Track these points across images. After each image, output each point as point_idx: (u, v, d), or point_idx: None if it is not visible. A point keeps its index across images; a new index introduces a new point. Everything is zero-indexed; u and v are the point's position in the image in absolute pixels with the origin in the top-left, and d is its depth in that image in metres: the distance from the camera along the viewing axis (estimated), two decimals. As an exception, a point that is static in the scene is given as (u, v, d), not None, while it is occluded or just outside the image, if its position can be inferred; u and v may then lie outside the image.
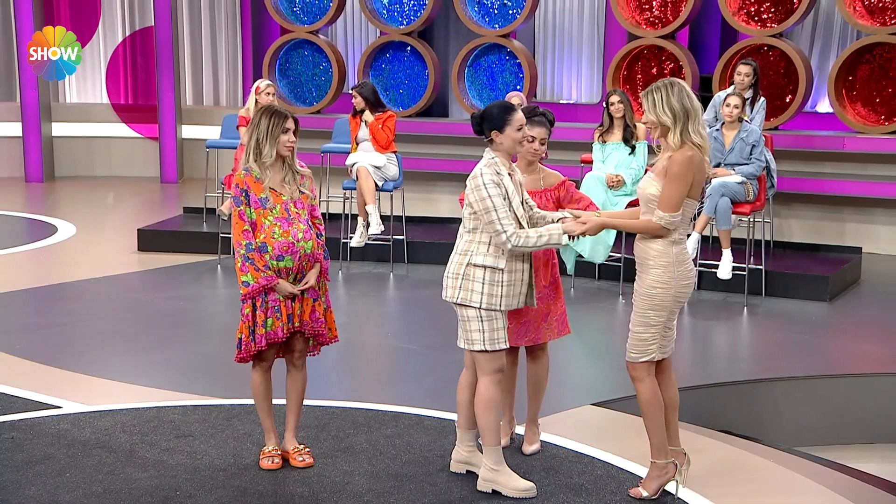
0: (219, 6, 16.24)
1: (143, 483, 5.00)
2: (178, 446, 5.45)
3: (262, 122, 5.02)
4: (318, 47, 12.87)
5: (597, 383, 6.71)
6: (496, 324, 4.76)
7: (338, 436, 5.60)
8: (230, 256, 10.03)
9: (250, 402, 5.90)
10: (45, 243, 11.08)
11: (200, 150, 15.25)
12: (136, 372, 6.88)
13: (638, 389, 4.79)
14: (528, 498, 4.76)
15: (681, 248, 4.67)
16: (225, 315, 8.56)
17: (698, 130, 4.55)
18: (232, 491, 4.91)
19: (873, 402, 6.91)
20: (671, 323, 4.74)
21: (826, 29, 12.65)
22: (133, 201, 14.27)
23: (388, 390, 6.64)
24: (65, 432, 5.66)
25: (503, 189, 4.69)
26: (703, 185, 4.67)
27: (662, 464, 4.78)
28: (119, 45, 16.39)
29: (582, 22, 14.10)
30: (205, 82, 16.48)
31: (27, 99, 15.23)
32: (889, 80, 10.69)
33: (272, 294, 5.03)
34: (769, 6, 11.10)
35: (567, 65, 14.25)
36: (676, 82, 4.59)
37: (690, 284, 4.73)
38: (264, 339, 5.04)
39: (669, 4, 11.51)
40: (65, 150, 15.86)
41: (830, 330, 8.15)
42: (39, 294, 8.99)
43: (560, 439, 5.53)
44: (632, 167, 8.96)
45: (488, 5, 12.25)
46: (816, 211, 10.77)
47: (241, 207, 5.05)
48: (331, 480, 5.01)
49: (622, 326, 8.04)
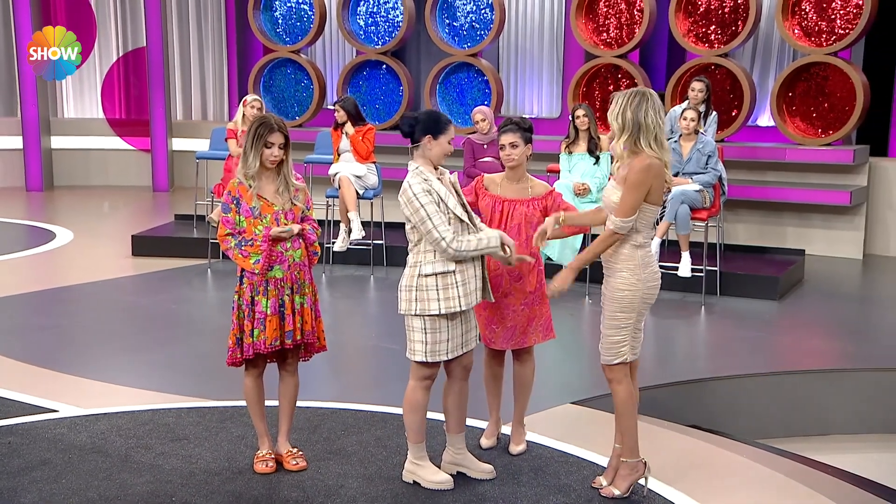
0: (206, 28, 15.85)
1: (138, 489, 4.52)
2: (172, 450, 4.97)
3: (250, 133, 4.58)
4: (300, 66, 12.43)
5: (572, 382, 6.28)
6: (440, 336, 4.41)
7: (329, 437, 5.14)
8: (220, 261, 9.59)
9: (243, 404, 5.42)
10: (45, 249, 10.54)
11: (190, 161, 14.92)
12: (131, 374, 6.37)
13: (614, 391, 4.44)
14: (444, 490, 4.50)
15: (646, 251, 4.35)
16: (216, 317, 8.10)
17: (650, 143, 4.20)
18: (227, 496, 4.45)
19: (825, 396, 6.57)
20: (639, 324, 4.41)
21: (765, 49, 12.39)
22: (127, 209, 13.72)
23: (374, 391, 6.15)
24: (61, 436, 5.16)
25: (434, 195, 4.33)
26: (663, 191, 4.33)
27: (633, 462, 4.45)
28: (113, 65, 15.97)
29: (542, 42, 13.73)
30: (193, 98, 16.10)
31: (28, 114, 14.80)
32: (825, 97, 10.44)
33: (258, 306, 4.57)
34: (716, 28, 10.83)
35: (529, 82, 13.88)
36: (645, 94, 4.23)
37: (657, 286, 4.41)
38: (251, 348, 4.59)
39: (625, 27, 11.22)
40: (63, 161, 15.45)
41: (781, 327, 7.81)
42: (39, 297, 8.44)
43: (545, 439, 5.11)
44: (596, 176, 8.61)
45: (458, 27, 11.86)
46: (760, 216, 10.52)
47: (229, 214, 4.59)
48: (324, 484, 4.56)
49: (590, 326, 7.74)
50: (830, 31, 10.35)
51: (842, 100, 10.34)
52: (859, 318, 8.27)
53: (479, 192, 4.92)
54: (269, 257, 4.54)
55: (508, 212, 4.81)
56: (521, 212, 4.79)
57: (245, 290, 4.61)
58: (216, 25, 15.76)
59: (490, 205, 4.86)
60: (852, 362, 6.86)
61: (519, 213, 4.80)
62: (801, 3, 10.45)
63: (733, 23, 10.73)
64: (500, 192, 4.87)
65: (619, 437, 4.51)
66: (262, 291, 4.58)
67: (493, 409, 5.03)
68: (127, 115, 16.03)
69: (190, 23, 15.83)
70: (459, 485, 4.53)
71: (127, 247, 10.29)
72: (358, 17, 12.34)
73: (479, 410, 5.23)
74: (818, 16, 10.42)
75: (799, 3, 10.45)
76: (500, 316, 4.80)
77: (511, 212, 4.81)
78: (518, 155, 4.80)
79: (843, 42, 10.20)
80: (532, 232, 4.71)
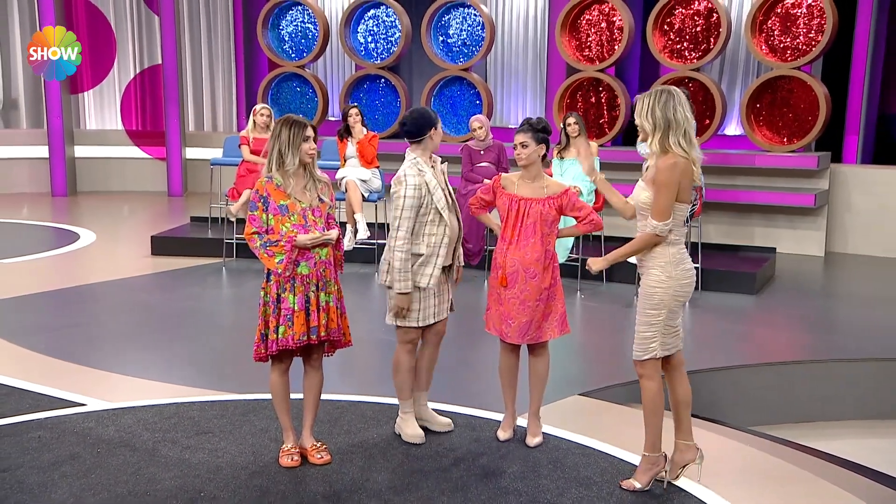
0: (216, 46, 15.40)
1: (166, 484, 4.10)
2: (198, 444, 4.54)
3: (283, 133, 4.15)
4: (305, 79, 11.97)
5: (578, 375, 5.87)
6: (427, 302, 4.51)
7: (350, 430, 4.72)
8: (234, 259, 9.16)
9: (264, 397, 5.06)
10: (69, 249, 10.06)
11: (201, 168, 14.59)
12: (154, 368, 5.92)
13: (644, 386, 4.01)
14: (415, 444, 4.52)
15: (677, 248, 3.93)
16: (233, 313, 7.69)
17: (679, 141, 3.79)
18: (254, 491, 4.02)
19: (813, 385, 6.22)
20: (674, 321, 3.96)
21: (732, 64, 12.07)
22: (145, 212, 13.21)
23: (388, 384, 5.68)
24: (89, 430, 4.72)
25: (421, 191, 4.37)
26: (692, 189, 3.88)
27: (654, 457, 4.05)
28: (131, 81, 15.51)
29: (527, 58, 13.35)
30: (205, 110, 15.65)
31: (53, 126, 14.39)
32: (789, 108, 10.13)
33: (285, 303, 4.16)
34: (689, 45, 10.48)
35: (514, 94, 13.49)
36: (671, 92, 3.83)
37: (690, 283, 3.96)
38: (275, 344, 4.18)
39: (605, 44, 10.84)
40: (85, 169, 15.01)
41: (760, 321, 7.45)
42: (65, 295, 7.96)
43: (561, 431, 4.70)
44: (586, 180, 8.21)
45: (451, 44, 11.45)
46: (730, 217, 10.20)
47: (255, 213, 4.18)
48: (350, 478, 4.15)
49: (583, 320, 7.35)
50: (794, 47, 10.04)
51: (805, 110, 10.04)
52: (830, 311, 7.94)
53: (497, 191, 4.56)
54: (291, 258, 4.13)
55: (524, 210, 4.44)
56: (537, 210, 4.42)
57: (272, 286, 4.20)
58: (225, 44, 15.34)
59: (507, 203, 4.49)
60: (830, 353, 6.50)
61: (535, 212, 4.43)
62: (767, 22, 10.14)
63: (705, 40, 10.40)
64: (516, 190, 4.50)
65: (678, 434, 4.10)
66: (288, 288, 4.17)
67: (509, 401, 4.64)
68: (144, 126, 15.57)
69: (201, 42, 15.40)
70: (482, 479, 4.13)
71: (146, 247, 9.84)
72: (358, 34, 11.91)
73: (495, 403, 4.85)
74: (783, 34, 10.11)
75: (766, 22, 10.14)
76: (516, 311, 4.43)
77: (527, 210, 4.44)
78: (527, 154, 4.46)
79: (807, 57, 9.90)
80: (547, 229, 4.40)
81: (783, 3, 10.07)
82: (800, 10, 10.01)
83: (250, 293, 8.18)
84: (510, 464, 4.30)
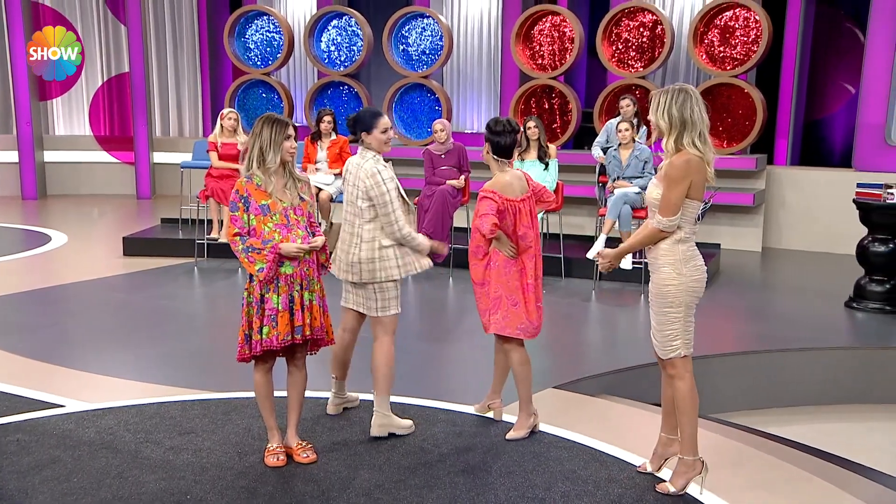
0: (181, 55, 14.87)
1: (151, 486, 3.76)
2: (182, 444, 4.20)
3: (264, 131, 3.83)
4: (271, 86, 11.59)
5: (551, 368, 5.60)
6: (398, 293, 4.27)
7: (333, 428, 4.42)
8: (205, 259, 8.76)
9: (245, 396, 4.75)
10: (42, 250, 9.54)
11: (169, 172, 14.10)
12: (132, 367, 5.53)
13: (675, 386, 3.68)
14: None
15: (688, 245, 3.60)
16: (207, 312, 7.32)
17: (694, 141, 3.50)
18: (241, 492, 3.71)
19: (771, 373, 6.08)
20: (689, 318, 3.65)
21: (673, 72, 11.97)
22: (114, 214, 12.67)
23: (368, 380, 5.39)
24: (69, 432, 4.35)
25: (395, 182, 4.14)
26: (705, 187, 3.55)
27: (691, 460, 3.68)
28: (99, 88, 14.89)
29: (482, 67, 13.10)
30: (171, 117, 15.07)
31: (22, 132, 13.76)
32: (728, 113, 10.07)
33: (269, 303, 3.84)
34: (635, 55, 10.35)
35: (469, 100, 13.24)
36: (688, 91, 3.53)
37: (702, 280, 3.63)
38: (259, 345, 3.86)
39: (556, 53, 10.67)
40: (55, 173, 14.38)
41: (710, 313, 7.27)
42: (39, 295, 7.49)
43: (543, 425, 4.46)
44: (546, 180, 8.01)
45: (411, 53, 11.17)
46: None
47: (237, 213, 3.85)
48: (337, 476, 3.85)
49: (556, 314, 7.11)
50: (732, 57, 9.98)
51: (743, 115, 9.98)
52: (772, 303, 7.83)
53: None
54: (272, 268, 3.82)
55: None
56: None
57: (255, 287, 3.88)
58: (190, 52, 14.83)
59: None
60: (776, 343, 6.36)
61: None
62: (707, 34, 10.06)
63: (650, 49, 10.29)
64: None
65: (665, 427, 3.84)
66: (272, 288, 3.85)
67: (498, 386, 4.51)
68: (112, 132, 14.98)
69: (167, 50, 14.86)
70: (470, 476, 3.87)
71: (118, 248, 9.38)
72: (322, 43, 11.56)
73: (471, 398, 4.59)
74: (722, 44, 10.03)
75: (706, 34, 10.06)
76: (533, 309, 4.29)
77: None
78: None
79: (745, 66, 9.84)
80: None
81: (722, 16, 10.01)
82: (737, 22, 9.96)
83: (224, 292, 7.81)
84: (494, 459, 4.05)
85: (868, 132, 10.03)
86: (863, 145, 10.05)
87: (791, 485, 3.92)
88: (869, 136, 10.03)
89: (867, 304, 7.16)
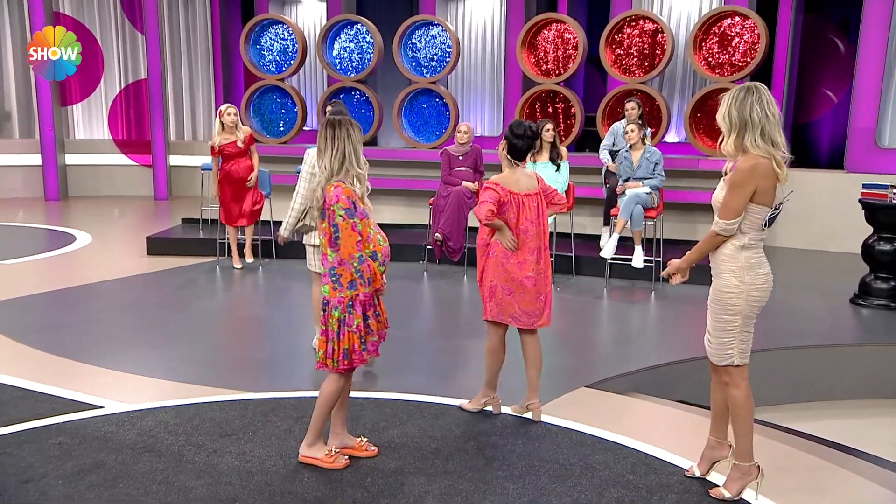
0: (196, 62, 14.51)
1: (199, 492, 3.47)
2: (224, 447, 3.91)
3: (353, 132, 3.45)
4: (286, 92, 11.24)
5: (579, 366, 5.31)
6: None
7: (373, 429, 4.13)
8: (226, 258, 8.44)
9: (282, 396, 4.47)
10: (67, 250, 9.20)
11: (185, 174, 13.77)
12: (166, 367, 5.20)
13: (731, 394, 3.39)
14: None
15: (752, 252, 3.28)
16: (233, 310, 7.00)
17: (756, 140, 3.18)
18: (290, 499, 3.42)
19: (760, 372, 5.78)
20: (748, 327, 3.33)
21: (671, 79, 11.70)
22: (134, 215, 12.33)
23: (396, 378, 5.08)
24: (111, 435, 4.05)
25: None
26: (774, 192, 3.24)
27: (747, 466, 3.41)
28: (118, 94, 14.49)
29: (485, 73, 12.79)
30: (186, 121, 14.70)
31: (45, 136, 13.36)
32: (726, 117, 9.78)
33: (370, 313, 3.58)
34: (637, 62, 10.08)
35: (473, 105, 12.92)
36: (749, 89, 3.22)
37: (765, 289, 3.30)
38: (361, 358, 3.56)
39: (560, 59, 10.38)
40: (76, 175, 13.98)
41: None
42: (68, 295, 7.16)
43: (578, 425, 4.17)
44: (558, 181, 7.73)
45: (420, 59, 10.86)
46: (676, 215, 9.78)
47: (354, 220, 3.44)
48: (385, 482, 3.57)
49: (559, 312, 6.85)
50: (731, 63, 9.72)
51: (740, 119, 9.71)
52: (778, 300, 7.55)
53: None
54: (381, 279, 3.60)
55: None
56: None
57: (356, 309, 3.54)
58: (204, 59, 14.48)
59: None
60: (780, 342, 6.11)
61: None
62: (706, 41, 9.80)
63: (651, 55, 10.02)
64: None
65: (714, 430, 3.56)
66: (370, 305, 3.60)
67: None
68: (130, 136, 14.59)
69: (182, 57, 14.50)
70: (520, 483, 3.58)
71: (142, 247, 9.06)
72: (334, 50, 11.23)
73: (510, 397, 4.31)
74: (721, 51, 9.78)
75: (705, 41, 9.80)
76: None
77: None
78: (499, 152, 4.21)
79: (743, 72, 9.57)
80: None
81: (721, 24, 9.75)
82: (735, 30, 9.71)
83: (247, 290, 7.51)
84: (541, 463, 3.76)
85: (860, 135, 9.82)
86: (855, 148, 9.83)
87: (843, 485, 3.66)
88: (861, 138, 9.81)
89: (873, 300, 6.93)
